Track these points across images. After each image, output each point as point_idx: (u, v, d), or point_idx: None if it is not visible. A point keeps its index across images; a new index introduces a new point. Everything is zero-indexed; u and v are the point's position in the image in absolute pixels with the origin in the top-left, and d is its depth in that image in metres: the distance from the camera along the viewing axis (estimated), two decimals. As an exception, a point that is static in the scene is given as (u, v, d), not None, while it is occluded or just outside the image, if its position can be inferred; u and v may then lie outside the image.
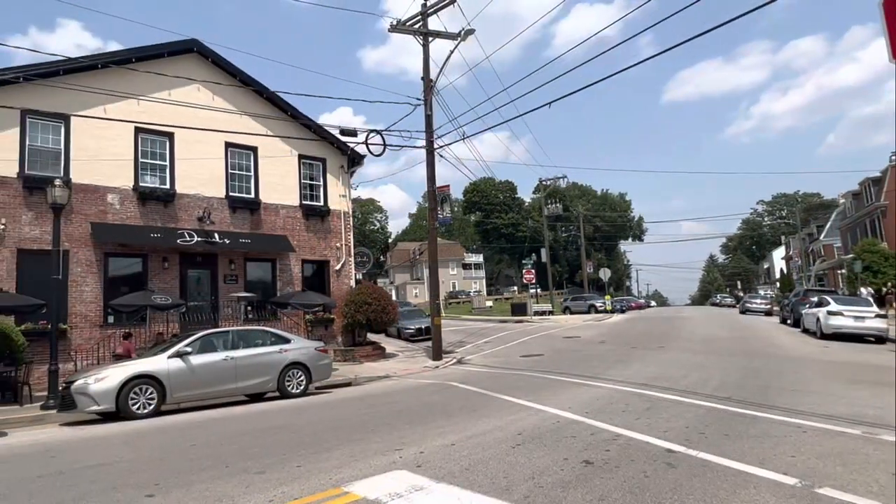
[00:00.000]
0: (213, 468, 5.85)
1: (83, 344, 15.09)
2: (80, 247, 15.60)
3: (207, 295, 17.80)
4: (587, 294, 50.66)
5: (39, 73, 15.12)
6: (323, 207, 20.50)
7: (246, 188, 18.88)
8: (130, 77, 16.41)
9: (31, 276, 14.44)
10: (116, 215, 16.25)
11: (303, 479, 5.28)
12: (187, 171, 17.50)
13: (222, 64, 18.44)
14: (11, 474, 6.08)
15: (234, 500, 4.69)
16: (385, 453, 6.13)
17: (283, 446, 6.81)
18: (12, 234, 14.63)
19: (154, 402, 10.38)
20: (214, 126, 17.09)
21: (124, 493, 5.05)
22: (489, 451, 5.99)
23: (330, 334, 19.59)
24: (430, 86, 18.96)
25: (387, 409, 9.47)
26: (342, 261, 20.80)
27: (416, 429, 7.45)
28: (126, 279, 16.44)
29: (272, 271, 19.21)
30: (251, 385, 11.78)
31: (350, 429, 7.77)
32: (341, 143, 20.63)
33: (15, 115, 14.74)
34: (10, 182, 14.74)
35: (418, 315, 29.64)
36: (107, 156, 16.09)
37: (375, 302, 19.08)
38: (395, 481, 5.06)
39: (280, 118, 19.45)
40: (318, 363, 12.78)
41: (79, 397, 10.09)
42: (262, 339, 12.45)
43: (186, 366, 10.91)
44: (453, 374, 14.72)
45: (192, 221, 17.39)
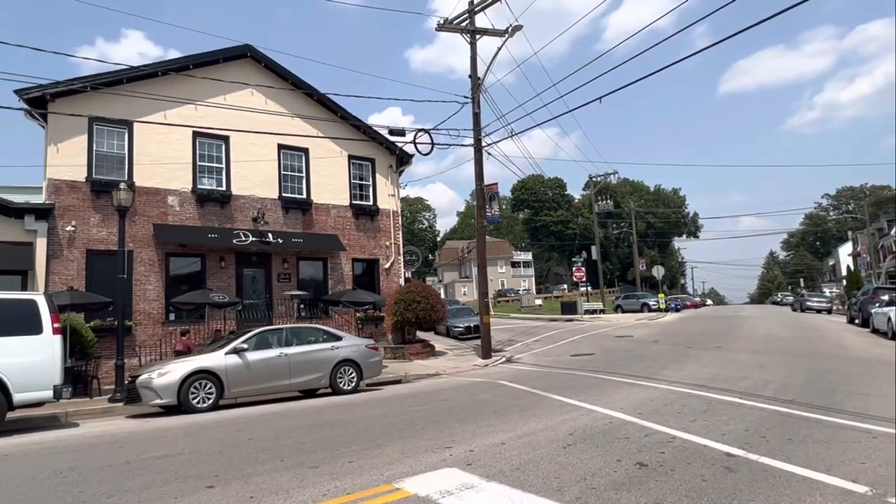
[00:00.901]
0: (270, 461, 6.01)
1: (146, 340, 15.77)
2: (144, 247, 16.31)
3: (262, 293, 18.31)
4: (640, 292, 49.52)
5: (105, 81, 15.92)
6: (372, 207, 20.76)
7: (298, 189, 19.31)
8: (188, 83, 17.05)
9: (99, 275, 15.20)
10: (176, 217, 16.91)
11: (355, 474, 5.35)
12: (242, 173, 18.04)
13: (274, 68, 18.92)
14: (83, 463, 6.40)
15: (288, 494, 4.80)
16: (435, 451, 6.15)
17: (335, 442, 6.92)
18: (82, 235, 15.42)
19: (213, 397, 10.75)
20: (267, 129, 17.56)
21: (186, 484, 5.25)
22: (540, 451, 5.93)
23: (380, 332, 19.83)
24: (478, 83, 18.92)
25: (437, 407, 9.51)
26: (391, 259, 21.01)
27: (466, 427, 7.45)
28: (185, 278, 17.09)
29: (324, 270, 19.59)
30: (304, 381, 12.05)
31: (401, 426, 7.84)
32: (390, 142, 20.84)
33: (83, 122, 15.54)
34: (79, 186, 15.54)
35: (467, 313, 29.65)
36: (167, 160, 16.76)
37: (424, 300, 19.20)
38: (446, 479, 5.06)
39: (330, 119, 19.80)
40: (368, 360, 12.95)
41: (143, 391, 10.55)
42: (314, 337, 12.71)
43: (243, 362, 11.26)
44: (503, 373, 14.66)
45: (247, 222, 17.91)
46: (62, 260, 15.08)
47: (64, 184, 15.36)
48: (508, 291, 79.47)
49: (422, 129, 18.34)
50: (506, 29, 18.62)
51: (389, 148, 21.19)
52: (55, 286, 14.48)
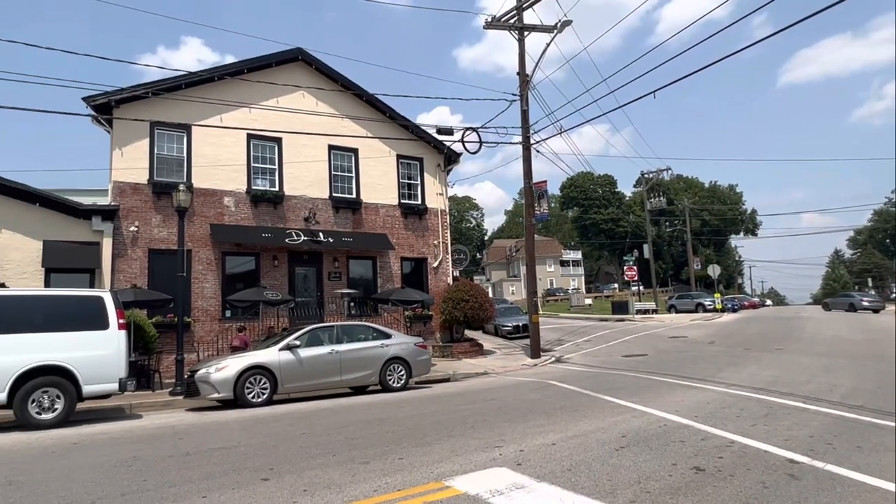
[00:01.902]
0: (322, 456, 6.11)
1: (204, 336, 16.33)
2: (201, 246, 16.89)
3: (313, 291, 18.68)
4: (694, 292, 48.06)
5: (165, 87, 16.58)
6: (420, 206, 20.88)
7: (348, 189, 19.61)
8: (243, 87, 17.57)
9: (160, 273, 15.84)
10: (232, 217, 17.44)
11: (405, 471, 5.38)
12: (294, 173, 18.46)
13: (325, 70, 19.26)
14: (147, 453, 6.68)
15: (340, 488, 4.87)
16: (485, 450, 6.12)
17: (385, 438, 6.99)
18: (144, 235, 16.10)
19: (267, 392, 11.03)
20: (318, 130, 17.90)
21: (243, 476, 5.40)
22: (591, 453, 5.82)
23: (428, 330, 19.93)
24: (526, 81, 18.75)
25: (486, 406, 9.47)
26: (440, 258, 21.08)
27: (515, 426, 7.39)
28: (240, 276, 17.61)
29: (373, 268, 19.83)
30: (355, 378, 12.22)
31: (450, 424, 7.84)
32: (438, 142, 20.92)
33: (145, 127, 16.22)
34: (141, 188, 16.23)
35: (515, 312, 29.46)
36: (223, 161, 17.31)
37: (472, 299, 19.17)
38: (496, 478, 5.03)
39: (379, 120, 20.02)
40: (417, 358, 13.03)
41: (202, 385, 10.93)
42: (364, 334, 12.88)
43: (295, 358, 11.51)
44: (552, 373, 14.49)
45: (299, 222, 18.31)
46: (126, 259, 15.78)
47: (128, 186, 16.07)
48: (557, 290, 78.59)
49: (470, 128, 18.32)
50: (554, 25, 18.38)
51: (437, 147, 21.27)
52: (120, 284, 15.16)
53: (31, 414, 8.94)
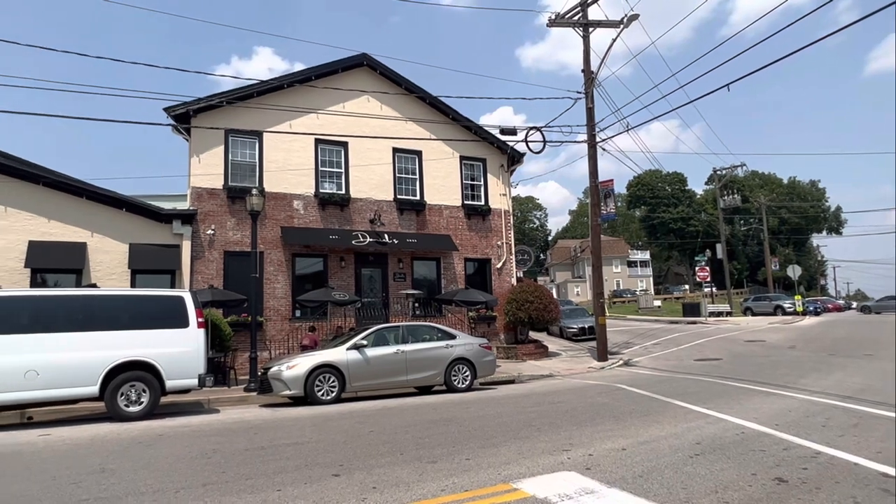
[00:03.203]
0: (390, 454, 6.20)
1: (275, 335, 16.92)
2: (272, 248, 17.51)
3: (379, 292, 19.01)
4: (772, 294, 45.69)
5: (239, 96, 17.31)
6: (484, 207, 20.86)
7: (412, 190, 19.84)
8: (311, 93, 18.11)
9: (234, 274, 16.55)
10: (301, 219, 18.00)
11: (472, 471, 5.38)
12: (360, 176, 18.86)
13: (389, 74, 19.57)
14: (225, 446, 6.98)
15: (409, 487, 4.92)
16: (552, 453, 6.04)
17: (452, 438, 7.01)
18: (220, 238, 16.86)
19: (336, 390, 11.31)
20: (383, 133, 18.21)
21: (314, 471, 5.55)
22: (664, 459, 5.64)
23: (492, 331, 19.87)
24: (591, 78, 18.40)
25: (552, 409, 9.35)
26: (503, 259, 20.99)
27: (583, 430, 7.25)
28: (309, 277, 18.13)
29: (437, 269, 19.97)
30: (420, 378, 12.34)
31: (516, 426, 7.79)
32: (501, 142, 20.85)
33: (220, 134, 16.99)
34: (217, 193, 17.00)
35: (581, 314, 28.94)
36: (292, 166, 17.89)
37: (537, 300, 18.97)
38: (565, 482, 4.95)
39: (442, 122, 20.15)
40: (482, 359, 13.02)
41: (274, 382, 11.32)
42: (429, 335, 12.98)
43: (363, 357, 11.74)
44: (620, 376, 14.13)
45: (365, 223, 18.68)
46: (203, 260, 16.57)
47: (204, 191, 16.87)
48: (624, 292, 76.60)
49: (533, 128, 18.15)
50: (621, 19, 17.95)
51: (500, 147, 21.20)
52: (198, 284, 15.93)
53: (120, 406, 9.53)
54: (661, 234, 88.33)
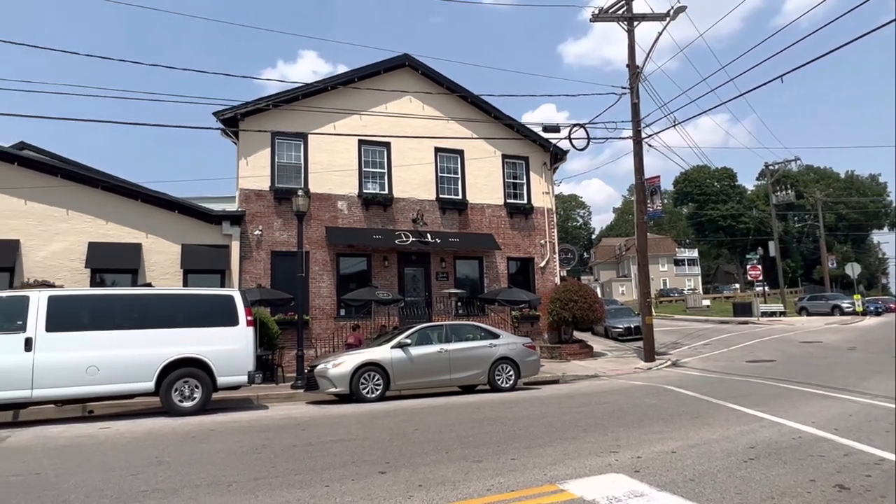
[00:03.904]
0: (435, 453, 6.22)
1: (321, 333, 17.21)
2: (318, 248, 17.82)
3: (422, 291, 19.11)
4: (829, 293, 43.83)
5: (284, 99, 17.69)
6: (526, 205, 20.71)
7: (454, 190, 19.86)
8: (354, 95, 18.35)
9: (281, 273, 16.92)
10: (345, 219, 18.25)
11: (517, 471, 5.35)
12: (402, 176, 19.00)
13: (431, 74, 19.65)
14: (274, 442, 7.14)
15: (454, 485, 4.92)
16: (599, 454, 5.94)
17: (497, 438, 6.98)
18: (267, 238, 17.26)
19: (380, 388, 11.42)
20: (425, 133, 18.30)
21: (361, 468, 5.61)
22: (716, 463, 5.47)
23: (536, 331, 19.71)
24: (636, 73, 18.03)
25: (598, 410, 9.21)
26: (546, 258, 20.79)
27: (631, 432, 7.11)
28: (353, 276, 18.38)
29: (479, 268, 19.94)
30: (463, 377, 12.34)
31: (562, 426, 7.70)
32: (544, 140, 20.66)
33: (267, 137, 17.40)
34: (264, 195, 17.41)
35: (626, 313, 28.43)
36: (336, 167, 18.17)
37: (581, 299, 18.72)
38: (613, 484, 4.87)
39: (484, 120, 20.11)
40: (526, 359, 12.93)
41: (320, 380, 11.51)
42: (472, 334, 12.97)
43: (407, 356, 11.82)
44: (668, 377, 13.81)
45: (407, 223, 18.80)
46: (252, 260, 16.99)
47: (252, 193, 17.29)
48: (672, 291, 74.81)
49: (577, 124, 17.91)
50: (667, 12, 17.52)
51: (543, 145, 21.01)
52: (246, 284, 16.35)
53: (175, 401, 9.87)
54: (709, 232, 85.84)
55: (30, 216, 14.92)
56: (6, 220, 14.69)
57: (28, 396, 9.15)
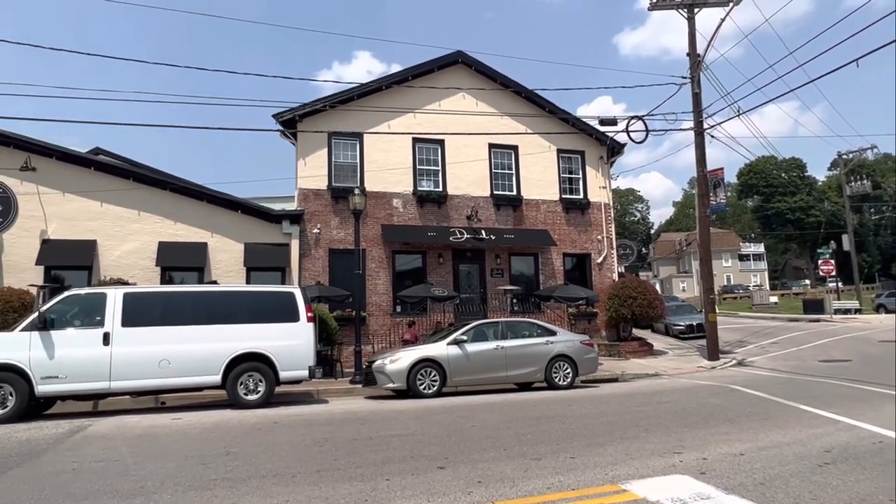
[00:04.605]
0: (493, 449, 6.21)
1: (378, 329, 17.47)
2: (374, 246, 18.09)
3: (476, 288, 19.10)
4: (909, 289, 41.14)
5: (340, 100, 18.04)
6: (582, 200, 20.37)
7: (508, 186, 19.75)
8: (408, 93, 18.51)
9: (338, 271, 17.29)
10: (400, 217, 18.45)
11: (577, 470, 5.27)
12: (456, 173, 19.03)
13: (484, 70, 19.59)
14: (335, 435, 7.30)
15: (514, 483, 4.90)
16: (663, 455, 5.79)
17: (555, 436, 6.91)
18: (325, 236, 17.65)
19: (437, 384, 11.49)
20: (478, 130, 18.27)
21: (420, 463, 5.67)
22: (788, 467, 5.23)
23: (593, 328, 19.38)
24: (697, 61, 17.41)
25: (660, 409, 8.97)
26: (604, 253, 20.40)
27: (695, 432, 6.89)
28: (409, 273, 18.56)
29: (535, 265, 19.76)
30: (520, 374, 12.27)
31: (622, 425, 7.54)
32: (600, 133, 20.27)
33: (324, 137, 17.79)
34: (322, 194, 17.81)
35: (688, 311, 27.57)
36: (391, 165, 18.38)
37: (641, 296, 18.27)
38: (677, 486, 4.73)
39: (538, 115, 19.89)
40: (584, 356, 12.73)
41: (378, 375, 11.70)
42: (528, 331, 12.87)
43: (463, 353, 11.85)
44: (734, 377, 13.31)
45: (462, 220, 18.83)
46: (310, 258, 17.42)
47: (310, 192, 17.72)
48: (736, 287, 72.01)
49: (635, 117, 17.47)
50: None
51: (599, 139, 20.61)
52: (305, 281, 16.77)
53: (240, 394, 10.24)
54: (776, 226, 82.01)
55: (105, 218, 15.78)
56: (84, 222, 15.60)
57: (107, 388, 9.70)
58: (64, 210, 15.50)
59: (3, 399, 9.05)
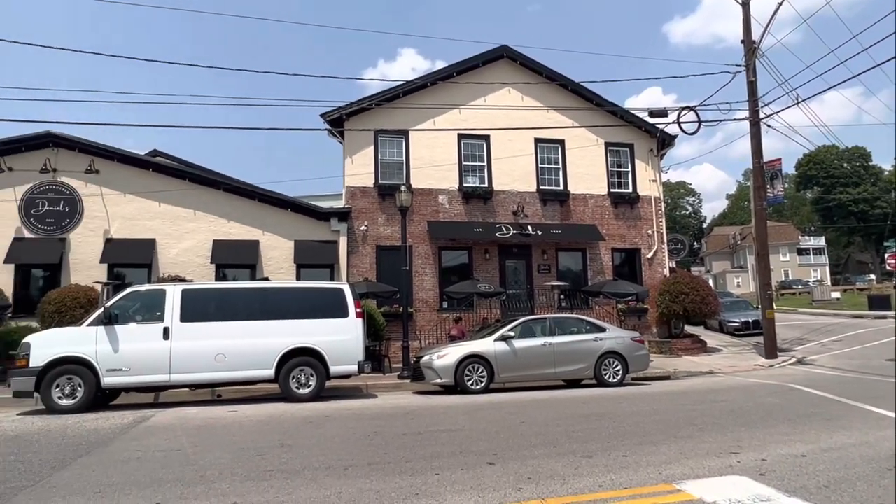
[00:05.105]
0: (543, 446, 6.16)
1: (425, 325, 17.58)
2: (420, 242, 18.20)
3: (523, 284, 18.98)
4: None
5: (385, 98, 18.20)
6: (631, 194, 19.96)
7: (555, 180, 19.52)
8: (453, 89, 18.51)
9: (386, 267, 17.49)
10: (446, 213, 18.50)
11: (630, 469, 5.18)
12: (502, 168, 18.93)
13: (529, 64, 19.40)
14: (385, 429, 7.40)
15: (564, 480, 4.85)
16: (719, 455, 5.62)
17: (606, 434, 6.81)
18: (372, 233, 17.87)
19: (484, 380, 11.49)
20: (524, 124, 18.13)
21: (469, 458, 5.68)
22: (854, 470, 5.00)
23: (643, 325, 18.97)
24: (753, 48, 16.77)
25: (715, 408, 8.72)
26: (654, 248, 19.94)
27: (753, 432, 6.67)
28: (455, 269, 18.59)
29: (582, 260, 19.48)
30: (568, 371, 12.13)
31: (675, 424, 7.37)
32: (649, 125, 19.79)
33: (370, 135, 17.99)
34: (369, 191, 18.02)
35: (743, 307, 26.68)
36: (437, 162, 18.43)
37: (693, 292, 17.78)
38: (735, 487, 4.59)
39: (585, 108, 19.57)
40: (634, 353, 12.49)
41: (426, 370, 11.77)
42: (577, 327, 12.72)
43: (510, 349, 11.80)
44: (793, 376, 12.81)
45: (508, 216, 18.73)
46: (358, 255, 17.67)
47: (357, 190, 17.96)
48: (795, 283, 69.12)
49: (687, 107, 16.97)
50: (787, -21, 16.10)
51: (649, 131, 20.12)
52: (353, 277, 17.02)
53: (292, 388, 10.49)
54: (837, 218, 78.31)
55: (163, 217, 16.42)
56: (144, 222, 16.27)
57: (167, 380, 10.10)
58: (125, 210, 16.20)
59: (73, 390, 9.55)
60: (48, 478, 5.24)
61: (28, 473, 5.39)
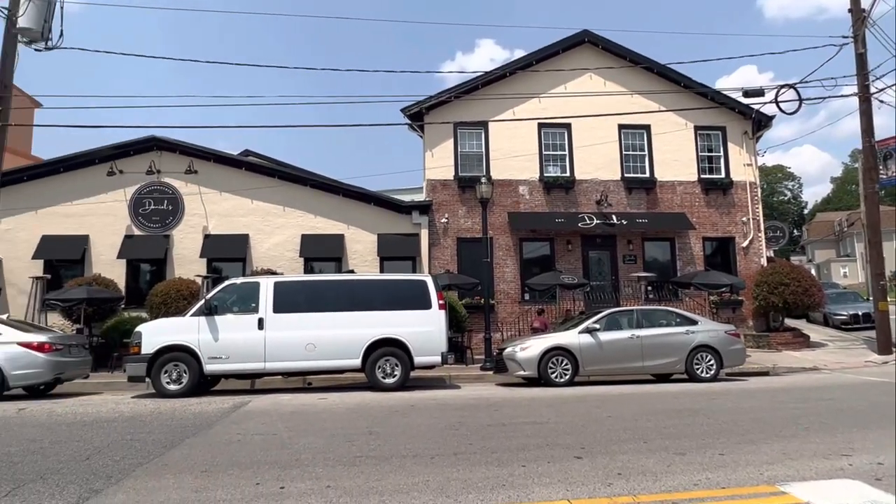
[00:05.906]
0: (632, 441, 5.98)
1: (506, 317, 17.52)
2: (500, 234, 18.12)
3: (607, 275, 18.48)
4: None
5: (464, 90, 18.23)
6: (724, 180, 18.92)
7: (640, 168, 18.84)
8: (532, 78, 18.25)
9: (466, 259, 17.58)
10: (526, 204, 18.30)
11: (727, 468, 4.92)
12: (584, 157, 18.49)
13: (612, 48, 18.80)
14: (469, 420, 7.44)
15: (657, 477, 4.68)
16: (827, 457, 5.23)
17: (699, 431, 6.51)
18: (453, 225, 17.98)
19: (569, 373, 11.30)
20: (607, 110, 17.57)
21: (555, 451, 5.60)
22: None
23: (738, 318, 17.99)
24: (862, 17, 15.40)
25: (820, 406, 8.13)
26: (749, 237, 18.82)
27: (866, 434, 6.16)
28: (536, 261, 18.38)
29: (671, 250, 18.71)
30: (657, 365, 11.71)
31: (776, 423, 6.93)
32: (743, 106, 18.65)
33: (449, 128, 18.09)
34: (449, 184, 18.13)
35: (851, 298, 24.71)
36: (517, 152, 18.26)
37: (794, 282, 16.65)
38: (847, 492, 4.25)
39: (672, 91, 18.74)
40: (729, 347, 11.87)
41: (508, 362, 11.73)
42: (666, 320, 12.24)
43: (595, 341, 11.53)
44: (912, 373, 11.72)
45: (591, 205, 18.27)
46: (439, 247, 17.84)
47: (438, 183, 18.12)
48: (910, 272, 63.21)
49: (786, 85, 15.79)
50: (903, -62, 14.65)
51: (742, 112, 18.98)
52: (435, 269, 17.21)
53: (378, 378, 10.77)
54: (963, 200, 70.75)
55: (256, 213, 17.28)
56: (238, 218, 17.20)
57: (262, 368, 10.65)
58: (221, 208, 17.18)
59: (179, 376, 10.28)
60: (160, 456, 5.66)
61: (143, 451, 5.84)
